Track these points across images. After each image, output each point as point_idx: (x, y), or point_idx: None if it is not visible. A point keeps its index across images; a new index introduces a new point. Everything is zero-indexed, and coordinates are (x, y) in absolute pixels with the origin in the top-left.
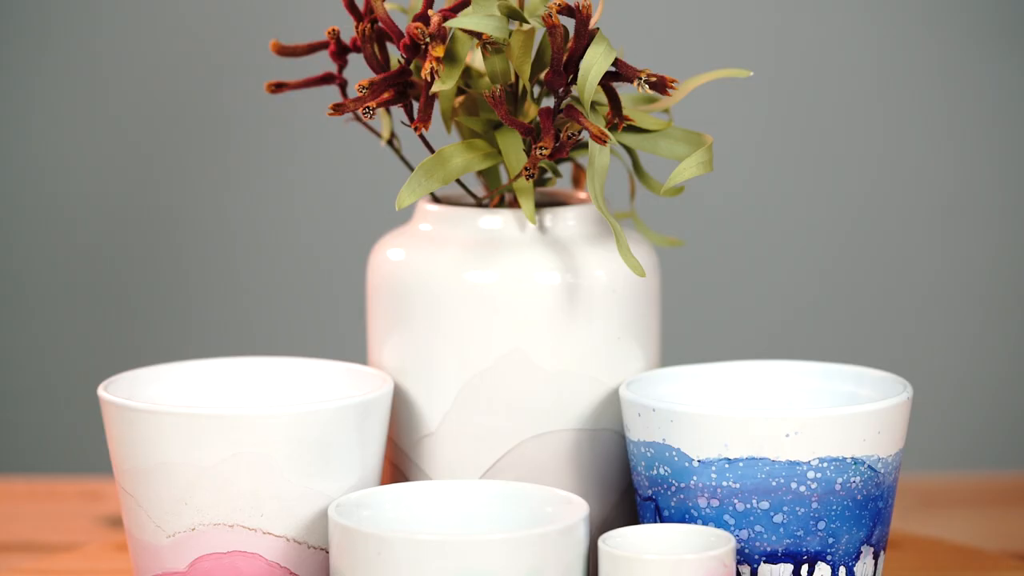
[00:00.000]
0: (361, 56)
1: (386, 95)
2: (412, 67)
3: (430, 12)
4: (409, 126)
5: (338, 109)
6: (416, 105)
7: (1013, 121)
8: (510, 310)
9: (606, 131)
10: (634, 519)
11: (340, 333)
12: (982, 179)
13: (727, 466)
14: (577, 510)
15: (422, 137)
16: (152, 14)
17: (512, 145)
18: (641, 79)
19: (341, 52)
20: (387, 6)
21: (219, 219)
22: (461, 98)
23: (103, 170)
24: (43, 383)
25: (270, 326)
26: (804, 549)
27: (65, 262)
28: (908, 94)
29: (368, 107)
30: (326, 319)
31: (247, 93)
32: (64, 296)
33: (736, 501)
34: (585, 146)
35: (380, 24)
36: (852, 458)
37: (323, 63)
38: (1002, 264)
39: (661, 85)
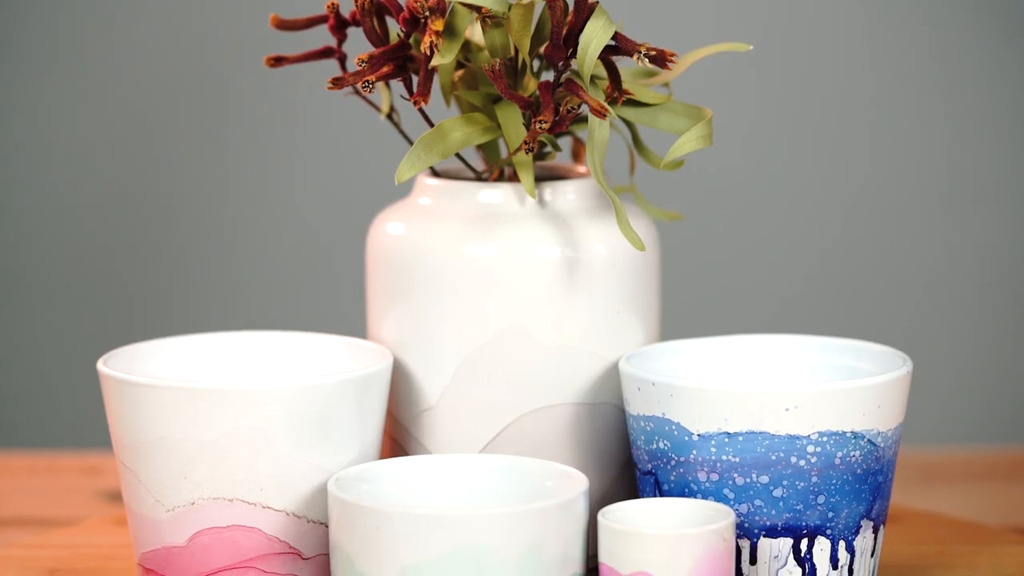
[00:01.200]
0: (360, 30)
1: (385, 69)
2: (411, 41)
3: None
4: (408, 100)
5: (337, 83)
6: (415, 79)
7: (1016, 98)
8: (509, 284)
9: (606, 105)
10: (634, 493)
11: (339, 307)
12: (984, 154)
13: (727, 440)
14: (577, 484)
15: (421, 111)
16: None
17: (512, 119)
18: (641, 53)
19: (340, 26)
20: None
21: (218, 194)
22: (460, 72)
23: (101, 149)
24: (42, 358)
25: (270, 300)
26: (804, 523)
27: (63, 238)
28: (909, 72)
29: (367, 81)
30: (325, 293)
31: (245, 67)
32: (63, 271)
33: (736, 475)
34: (585, 120)
35: None
36: (852, 432)
37: (322, 37)
38: (1004, 240)
39: (661, 59)
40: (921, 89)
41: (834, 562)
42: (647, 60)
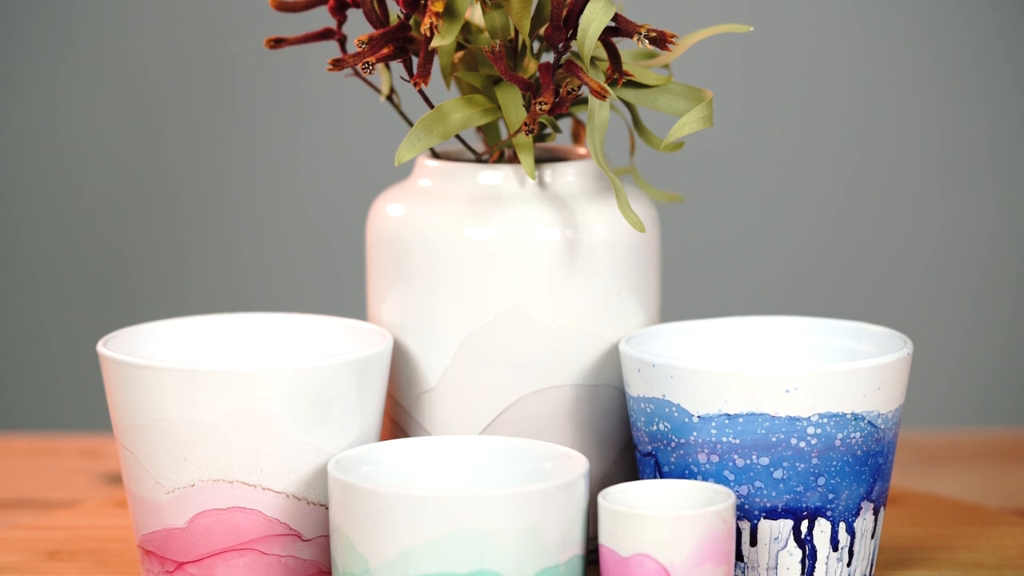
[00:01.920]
0: (360, 11)
1: (385, 50)
2: (411, 22)
3: None
4: (408, 81)
5: (337, 64)
6: (415, 60)
7: (1016, 80)
8: (510, 266)
9: (606, 86)
10: (634, 475)
11: (340, 289)
12: (983, 135)
13: (727, 422)
14: (577, 466)
15: (421, 92)
16: None
17: (512, 100)
18: (641, 34)
19: (340, 7)
20: None
21: (218, 175)
22: (461, 53)
23: (103, 130)
24: (43, 340)
25: (270, 282)
26: (804, 505)
27: (64, 219)
28: (910, 53)
29: (367, 62)
30: (326, 275)
31: (245, 49)
32: (63, 253)
33: (736, 457)
34: (585, 102)
35: None
36: (852, 414)
37: (322, 18)
38: (1004, 222)
39: (661, 40)
40: (922, 71)
41: (834, 544)
42: (647, 41)
